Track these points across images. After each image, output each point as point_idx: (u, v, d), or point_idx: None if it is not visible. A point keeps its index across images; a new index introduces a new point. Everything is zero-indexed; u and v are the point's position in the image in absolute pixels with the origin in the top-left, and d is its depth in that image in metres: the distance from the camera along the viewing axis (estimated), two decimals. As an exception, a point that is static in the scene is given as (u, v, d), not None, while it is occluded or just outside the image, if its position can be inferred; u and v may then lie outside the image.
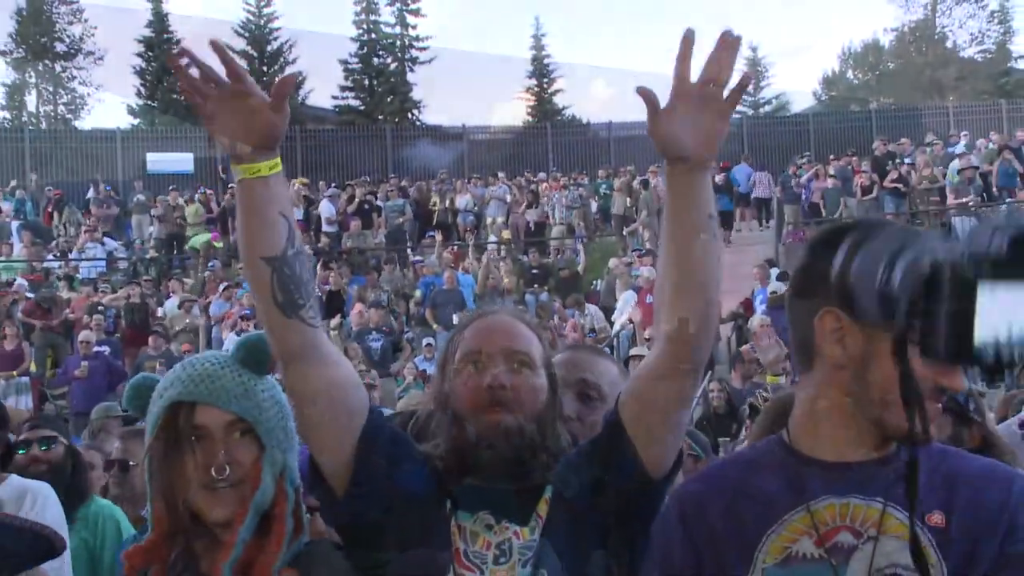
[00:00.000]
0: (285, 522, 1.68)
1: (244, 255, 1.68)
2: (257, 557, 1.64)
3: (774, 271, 13.53)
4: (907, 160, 17.32)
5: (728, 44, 1.56)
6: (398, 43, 35.50)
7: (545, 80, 36.71)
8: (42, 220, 20.23)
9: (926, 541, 1.38)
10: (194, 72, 1.60)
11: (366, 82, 35.13)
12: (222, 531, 1.66)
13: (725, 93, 1.59)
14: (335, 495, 1.74)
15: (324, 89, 33.86)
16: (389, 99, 34.48)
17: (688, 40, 1.55)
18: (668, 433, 1.71)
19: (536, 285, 15.23)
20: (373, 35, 35.21)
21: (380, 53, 35.45)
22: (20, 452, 3.53)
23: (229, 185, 20.91)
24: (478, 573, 1.66)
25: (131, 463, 3.59)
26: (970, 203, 15.64)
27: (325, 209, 18.66)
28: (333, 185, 20.05)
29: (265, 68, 34.16)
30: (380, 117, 33.18)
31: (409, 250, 17.95)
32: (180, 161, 25.21)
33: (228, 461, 1.65)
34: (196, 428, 1.67)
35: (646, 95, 1.57)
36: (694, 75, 1.57)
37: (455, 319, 8.94)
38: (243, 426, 1.68)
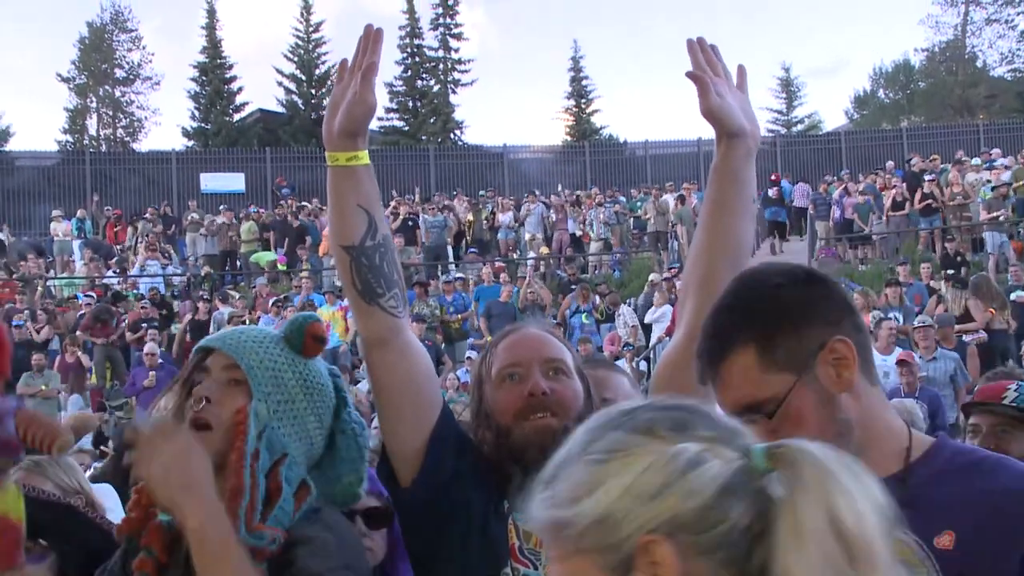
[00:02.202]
0: (242, 475, 1.56)
1: (330, 241, 1.79)
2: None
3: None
4: (927, 178, 17.37)
5: (694, 48, 1.75)
6: (441, 66, 36.37)
7: (583, 100, 37.31)
8: (103, 238, 21.12)
9: (930, 566, 1.32)
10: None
11: (410, 104, 36.03)
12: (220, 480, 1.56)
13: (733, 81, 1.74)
14: (400, 483, 1.78)
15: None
16: (432, 120, 35.28)
17: (693, 45, 1.73)
18: None
19: (574, 300, 15.55)
20: (417, 58, 36.13)
21: (423, 76, 36.33)
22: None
23: (278, 203, 21.70)
24: (532, 568, 1.68)
25: None
26: (1001, 218, 15.73)
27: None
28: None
29: (313, 91, 35.25)
30: (423, 138, 33.98)
31: (452, 266, 18.45)
32: (232, 181, 26.18)
33: (207, 396, 1.61)
34: (203, 370, 1.66)
35: (696, 77, 1.66)
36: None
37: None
38: (238, 374, 1.63)
